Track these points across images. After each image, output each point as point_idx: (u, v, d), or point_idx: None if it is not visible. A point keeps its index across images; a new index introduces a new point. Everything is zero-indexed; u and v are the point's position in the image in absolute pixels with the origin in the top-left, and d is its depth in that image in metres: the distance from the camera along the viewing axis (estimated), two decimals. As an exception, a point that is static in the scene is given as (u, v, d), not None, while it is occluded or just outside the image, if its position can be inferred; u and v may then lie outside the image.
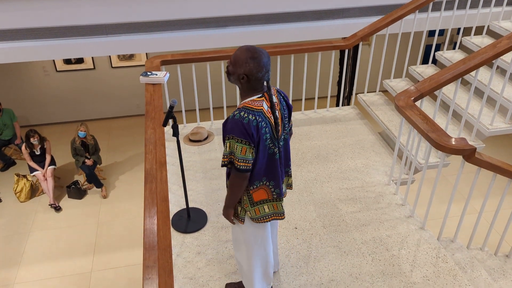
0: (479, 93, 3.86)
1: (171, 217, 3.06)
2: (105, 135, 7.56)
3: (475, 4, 4.83)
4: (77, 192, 5.97)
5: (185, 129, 4.12)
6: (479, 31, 5.48)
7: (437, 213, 5.57)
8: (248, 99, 1.98)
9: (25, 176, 5.96)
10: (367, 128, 4.08)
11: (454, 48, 7.01)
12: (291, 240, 2.87)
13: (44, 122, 7.88)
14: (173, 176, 3.49)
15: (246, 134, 1.90)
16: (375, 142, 3.87)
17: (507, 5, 4.73)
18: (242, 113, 1.92)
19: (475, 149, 2.46)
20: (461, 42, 4.82)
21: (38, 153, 5.80)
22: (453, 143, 2.48)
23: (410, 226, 2.97)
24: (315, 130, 4.05)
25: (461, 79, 3.09)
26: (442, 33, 8.12)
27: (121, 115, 8.15)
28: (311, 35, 4.77)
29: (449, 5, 4.78)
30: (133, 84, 7.87)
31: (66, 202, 5.98)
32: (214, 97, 7.77)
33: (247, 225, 2.20)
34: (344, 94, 6.14)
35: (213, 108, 5.22)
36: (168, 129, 4.03)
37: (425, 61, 8.45)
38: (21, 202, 5.96)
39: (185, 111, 7.81)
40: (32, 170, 5.80)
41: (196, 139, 3.89)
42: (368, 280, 2.59)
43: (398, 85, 4.31)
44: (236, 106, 7.91)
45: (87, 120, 7.95)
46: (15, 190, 5.91)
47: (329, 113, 4.34)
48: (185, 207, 3.15)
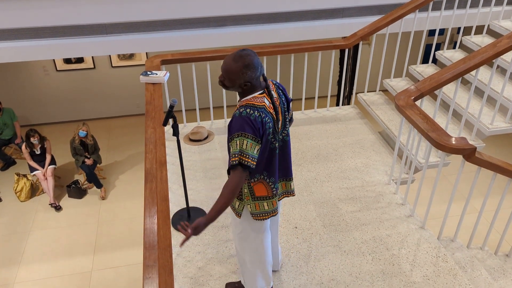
0: (479, 92, 3.86)
1: (171, 216, 3.06)
2: (105, 134, 7.56)
3: (475, 3, 4.83)
4: (77, 192, 5.97)
5: (185, 128, 4.12)
6: (479, 30, 5.48)
7: (437, 212, 5.57)
8: (250, 96, 2.00)
9: (25, 176, 5.97)
10: (367, 127, 4.08)
11: (454, 48, 7.01)
12: (291, 240, 2.87)
13: (44, 122, 7.88)
14: (173, 175, 3.49)
15: (254, 129, 1.92)
16: (375, 141, 3.87)
17: (507, 4, 4.73)
18: (248, 110, 1.94)
19: (475, 148, 2.46)
20: (461, 41, 4.83)
21: (38, 152, 5.80)
22: (453, 142, 2.48)
23: (410, 225, 2.97)
24: (315, 130, 4.05)
25: (461, 78, 3.09)
26: (442, 32, 8.12)
27: (121, 114, 8.15)
28: (311, 34, 4.77)
29: (449, 4, 4.78)
30: (133, 83, 7.87)
31: (66, 201, 5.98)
32: (214, 97, 7.77)
33: (245, 219, 2.20)
34: (344, 93, 6.14)
35: (213, 108, 5.22)
36: (168, 129, 4.03)
37: (425, 60, 8.45)
38: (21, 201, 5.96)
39: (185, 110, 7.81)
40: (32, 169, 5.80)
41: (196, 139, 3.89)
42: (368, 280, 2.59)
43: (398, 84, 4.31)
44: (235, 106, 7.91)
45: (87, 120, 7.95)
46: (15, 190, 5.92)
47: (329, 113, 4.34)
48: (185, 206, 3.16)
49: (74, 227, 5.53)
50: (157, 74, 3.34)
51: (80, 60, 7.41)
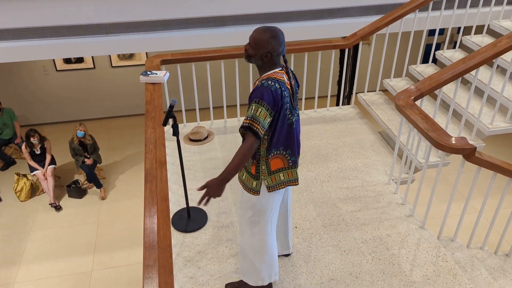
0: (479, 92, 3.86)
1: (171, 216, 3.06)
2: (105, 134, 7.56)
3: (475, 3, 4.83)
4: (77, 192, 5.97)
5: (185, 128, 4.12)
6: (479, 30, 5.48)
7: (437, 212, 5.57)
8: (271, 71, 2.13)
9: (25, 176, 5.97)
10: (367, 127, 4.08)
11: (454, 47, 7.01)
12: (291, 239, 2.87)
13: (44, 122, 7.88)
14: (173, 175, 3.49)
15: (273, 100, 2.03)
16: (375, 141, 3.87)
17: (507, 4, 4.73)
18: (269, 81, 2.06)
19: (475, 148, 2.46)
20: (461, 41, 4.82)
21: (38, 152, 5.80)
22: (453, 142, 2.48)
23: (410, 225, 2.97)
24: (315, 130, 4.05)
25: (461, 78, 3.09)
26: (442, 32, 8.12)
27: (121, 114, 8.15)
28: (311, 34, 4.77)
29: (449, 4, 4.78)
30: (133, 83, 7.87)
31: (66, 201, 5.98)
32: (214, 97, 7.77)
33: (262, 195, 2.25)
34: (344, 93, 6.14)
35: (213, 108, 5.22)
36: (168, 129, 4.03)
37: (425, 60, 8.45)
38: (21, 201, 5.96)
39: (185, 110, 7.82)
40: (32, 169, 5.80)
41: (196, 139, 3.89)
42: (368, 279, 2.59)
43: (398, 84, 4.31)
44: (235, 106, 7.91)
45: (87, 120, 7.95)
46: (15, 190, 5.92)
47: (329, 113, 4.34)
48: (185, 206, 3.16)
49: (74, 227, 5.53)
50: (157, 74, 3.35)
51: (80, 60, 7.41)
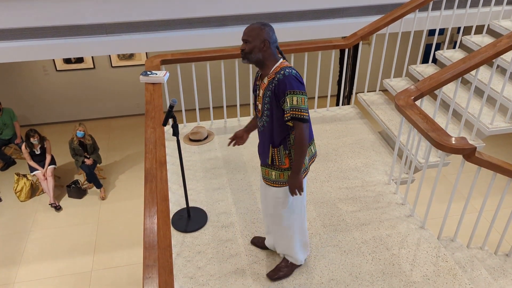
0: (479, 92, 3.86)
1: (171, 216, 3.06)
2: (105, 134, 7.56)
3: (475, 3, 4.83)
4: (77, 192, 5.97)
5: (185, 128, 4.12)
6: (479, 30, 5.48)
7: (437, 212, 5.57)
8: (278, 63, 2.19)
9: (25, 176, 5.97)
10: (367, 127, 4.08)
11: (454, 47, 7.01)
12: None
13: (44, 122, 7.88)
14: (173, 175, 3.49)
15: (303, 85, 2.14)
16: (375, 141, 3.87)
17: (507, 4, 4.73)
18: (287, 70, 2.13)
19: (475, 148, 2.46)
20: (461, 41, 4.83)
21: (38, 152, 5.80)
22: (453, 142, 2.48)
23: (410, 225, 2.97)
24: (315, 130, 4.05)
25: (461, 78, 3.09)
26: (442, 32, 8.12)
27: (121, 114, 8.15)
28: (311, 34, 4.77)
29: (449, 4, 4.78)
30: (133, 83, 7.87)
31: (66, 201, 5.98)
32: (214, 97, 7.76)
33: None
34: (344, 93, 6.14)
35: (213, 108, 5.22)
36: (168, 129, 4.03)
37: (425, 60, 8.45)
38: (21, 201, 5.96)
39: (185, 110, 7.82)
40: (32, 169, 5.80)
41: (196, 139, 3.89)
42: (368, 280, 2.59)
43: (398, 84, 4.31)
44: (235, 106, 7.92)
45: (87, 120, 7.95)
46: (15, 190, 5.92)
47: (329, 113, 4.34)
48: (185, 206, 3.16)
49: (74, 227, 5.53)
50: (157, 74, 3.34)
51: (80, 60, 7.41)
